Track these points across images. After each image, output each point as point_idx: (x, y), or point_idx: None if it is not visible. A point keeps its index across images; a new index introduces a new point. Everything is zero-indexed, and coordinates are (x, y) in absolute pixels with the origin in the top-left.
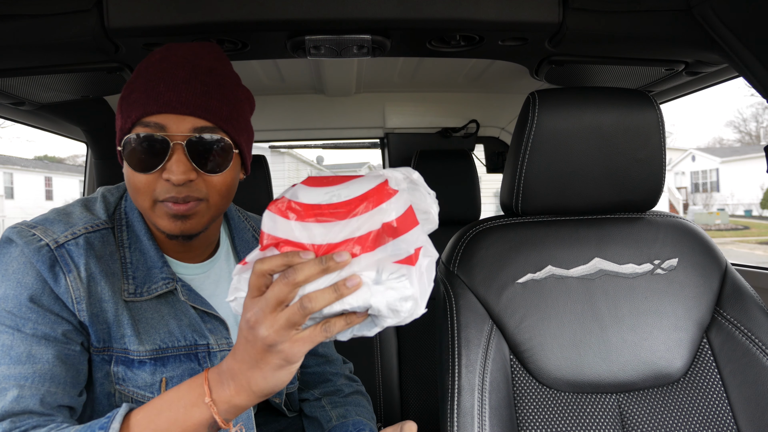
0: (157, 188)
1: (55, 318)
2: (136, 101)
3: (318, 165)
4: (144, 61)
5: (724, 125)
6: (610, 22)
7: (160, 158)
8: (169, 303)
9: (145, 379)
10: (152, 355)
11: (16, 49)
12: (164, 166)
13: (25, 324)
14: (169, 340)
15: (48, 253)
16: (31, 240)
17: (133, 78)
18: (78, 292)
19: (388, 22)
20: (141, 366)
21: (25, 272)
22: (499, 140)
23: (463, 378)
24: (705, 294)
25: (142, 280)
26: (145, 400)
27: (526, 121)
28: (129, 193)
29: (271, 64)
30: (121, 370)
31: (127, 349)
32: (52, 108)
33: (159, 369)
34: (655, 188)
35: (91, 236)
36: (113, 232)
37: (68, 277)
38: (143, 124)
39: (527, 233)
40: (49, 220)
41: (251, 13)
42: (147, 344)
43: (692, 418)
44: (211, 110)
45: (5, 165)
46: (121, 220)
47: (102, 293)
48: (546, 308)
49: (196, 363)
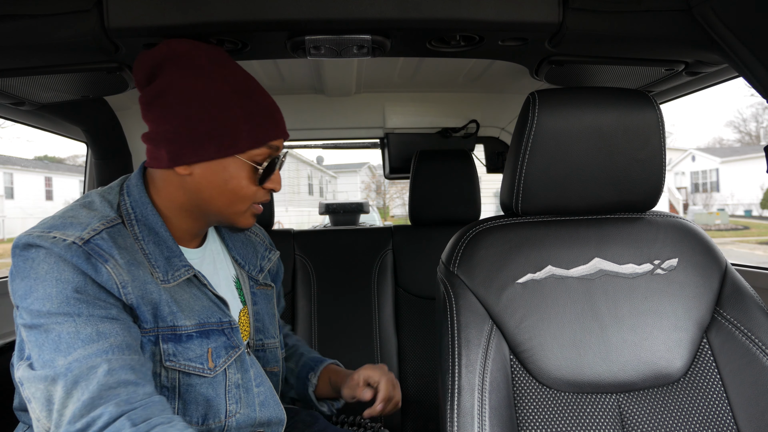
0: (258, 195)
1: (104, 303)
2: (262, 126)
3: (318, 165)
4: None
5: (724, 125)
6: (610, 22)
7: (273, 173)
8: (191, 286)
9: (195, 351)
10: (197, 329)
11: (16, 49)
12: (271, 178)
13: (80, 312)
14: (205, 317)
15: (78, 249)
16: (56, 241)
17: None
18: (121, 277)
19: (388, 22)
20: (189, 339)
21: (61, 269)
22: (499, 140)
23: (463, 378)
24: (705, 294)
25: (164, 269)
26: (196, 371)
27: (526, 121)
28: (222, 201)
29: (271, 64)
30: (171, 346)
31: (175, 325)
32: (52, 108)
33: (204, 341)
34: (655, 188)
35: (111, 230)
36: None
37: (107, 265)
38: (270, 146)
39: (527, 233)
40: (59, 225)
41: (251, 13)
42: (192, 319)
43: (692, 418)
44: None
45: (5, 165)
46: (129, 215)
47: (144, 276)
48: (546, 308)
49: (226, 337)
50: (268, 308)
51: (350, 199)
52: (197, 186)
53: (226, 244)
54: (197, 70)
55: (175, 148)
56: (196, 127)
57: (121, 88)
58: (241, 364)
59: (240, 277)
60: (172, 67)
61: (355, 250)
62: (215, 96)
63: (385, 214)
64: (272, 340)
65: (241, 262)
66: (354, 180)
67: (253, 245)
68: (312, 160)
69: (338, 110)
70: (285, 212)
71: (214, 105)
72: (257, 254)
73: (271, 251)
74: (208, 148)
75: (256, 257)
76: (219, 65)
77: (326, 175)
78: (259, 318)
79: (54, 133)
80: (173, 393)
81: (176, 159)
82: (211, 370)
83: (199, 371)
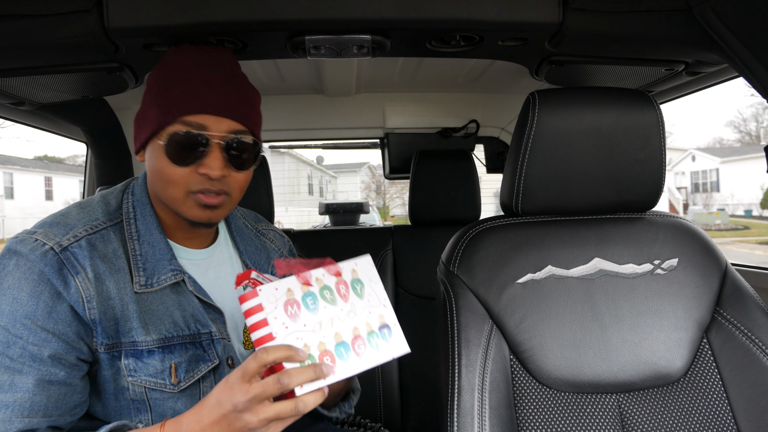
0: (191, 181)
1: (47, 336)
2: (177, 99)
3: (318, 165)
4: (169, 61)
5: (724, 125)
6: (610, 22)
7: (199, 154)
8: (176, 293)
9: (156, 367)
10: (159, 344)
11: (16, 49)
12: (202, 161)
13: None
14: (174, 330)
15: (54, 257)
16: (35, 246)
17: (163, 77)
18: (88, 291)
19: (388, 22)
20: (150, 355)
21: (20, 287)
22: (499, 140)
23: (463, 378)
24: (705, 294)
25: (152, 271)
26: (158, 387)
27: (526, 121)
28: (155, 184)
29: (271, 64)
30: (132, 361)
31: (135, 341)
32: (52, 108)
33: (167, 356)
34: (655, 188)
35: (92, 237)
36: (120, 227)
37: (77, 278)
38: (184, 122)
39: (527, 233)
40: (48, 224)
41: (251, 13)
42: (153, 334)
43: (692, 418)
44: (244, 115)
45: (5, 165)
46: (129, 214)
47: (109, 291)
48: (546, 308)
49: (201, 350)
50: None
51: (350, 199)
52: (147, 172)
53: (237, 247)
54: (168, 67)
55: (134, 136)
56: (141, 113)
57: (121, 88)
58: (219, 378)
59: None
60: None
61: (355, 250)
62: (150, 83)
63: (385, 214)
64: None
65: (252, 268)
66: (354, 180)
67: (266, 251)
68: (312, 160)
69: (338, 110)
70: (285, 212)
71: (146, 91)
72: (269, 260)
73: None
74: (140, 132)
75: (268, 263)
76: (177, 54)
77: (326, 175)
78: None
79: (54, 133)
80: (144, 405)
81: (136, 147)
82: (174, 386)
83: (161, 387)
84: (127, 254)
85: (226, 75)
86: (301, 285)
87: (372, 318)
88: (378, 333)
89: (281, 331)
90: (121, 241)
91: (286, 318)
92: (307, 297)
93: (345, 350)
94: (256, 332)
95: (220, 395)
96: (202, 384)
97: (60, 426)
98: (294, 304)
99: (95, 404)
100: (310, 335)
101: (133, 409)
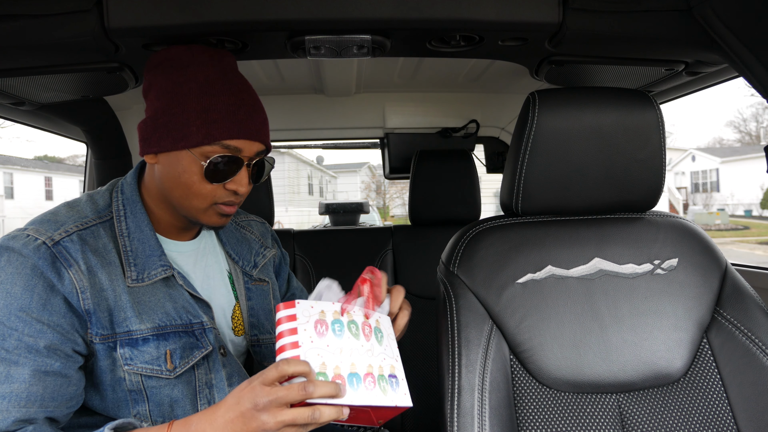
0: (218, 194)
1: (42, 327)
2: (219, 123)
3: (318, 165)
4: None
5: (724, 125)
6: (610, 22)
7: (231, 173)
8: (167, 286)
9: (151, 353)
10: (153, 332)
11: (16, 49)
12: (232, 179)
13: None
14: (167, 320)
15: (47, 251)
16: (28, 241)
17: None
18: (81, 283)
19: (388, 22)
20: (145, 342)
21: (14, 282)
22: (499, 140)
23: (463, 378)
24: (705, 294)
25: (143, 267)
26: (154, 374)
27: (526, 121)
28: (173, 191)
29: (271, 64)
30: (127, 350)
31: (129, 330)
32: (52, 108)
33: (162, 343)
34: (655, 188)
35: (83, 233)
36: (109, 225)
37: (70, 270)
38: (223, 145)
39: (527, 233)
40: (38, 221)
41: (251, 13)
42: (147, 323)
43: (692, 418)
44: (268, 135)
45: (5, 165)
46: (119, 212)
47: (102, 282)
48: (546, 308)
49: (194, 338)
50: (264, 303)
51: (350, 199)
52: (160, 176)
53: (220, 239)
54: (177, 69)
55: (144, 137)
56: (159, 119)
57: (121, 88)
58: (213, 365)
59: (233, 272)
60: (160, 68)
61: (355, 250)
62: (180, 92)
63: (385, 214)
64: (268, 335)
65: (235, 258)
66: (354, 180)
67: (248, 242)
68: (312, 160)
69: (338, 110)
70: (285, 212)
71: (176, 100)
72: (251, 250)
73: (266, 248)
74: (165, 139)
75: (250, 253)
76: (199, 64)
77: (326, 175)
78: (254, 313)
79: (54, 133)
80: (141, 396)
81: (144, 148)
82: (170, 372)
83: (157, 373)
84: (118, 250)
85: (251, 95)
86: (334, 312)
87: (385, 364)
88: (387, 379)
89: (307, 342)
90: (111, 238)
91: (314, 333)
92: (335, 323)
93: (356, 381)
94: (284, 338)
95: (241, 394)
96: (197, 371)
97: (56, 418)
98: (323, 324)
99: (93, 397)
100: (330, 356)
101: (131, 400)
